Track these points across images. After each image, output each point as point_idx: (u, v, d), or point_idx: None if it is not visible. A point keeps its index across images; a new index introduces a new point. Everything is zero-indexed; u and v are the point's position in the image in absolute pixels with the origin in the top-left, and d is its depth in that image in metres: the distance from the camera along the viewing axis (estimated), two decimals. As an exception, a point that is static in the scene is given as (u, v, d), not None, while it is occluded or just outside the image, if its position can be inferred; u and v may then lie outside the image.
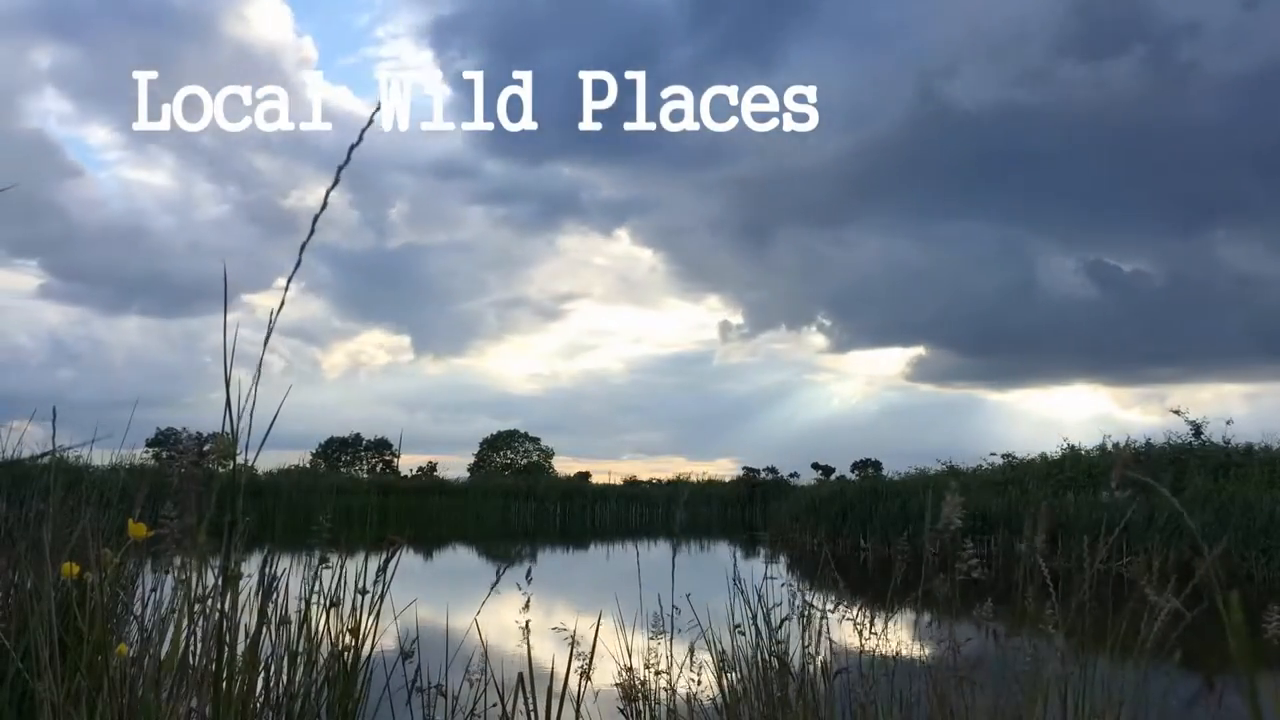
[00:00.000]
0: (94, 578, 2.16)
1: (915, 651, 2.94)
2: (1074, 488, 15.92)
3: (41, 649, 1.89)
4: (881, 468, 34.30)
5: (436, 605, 3.60)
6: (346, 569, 2.71)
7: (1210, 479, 15.05)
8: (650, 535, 23.73)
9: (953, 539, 2.68)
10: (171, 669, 1.93)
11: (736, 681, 2.88)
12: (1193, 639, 2.46)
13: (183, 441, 1.91)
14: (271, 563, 2.44)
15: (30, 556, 2.62)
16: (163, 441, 25.08)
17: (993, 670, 2.76)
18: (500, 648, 2.87)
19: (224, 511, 1.59)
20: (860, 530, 17.70)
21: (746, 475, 36.14)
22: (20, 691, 2.26)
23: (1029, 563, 2.63)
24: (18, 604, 2.60)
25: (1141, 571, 2.58)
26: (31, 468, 3.60)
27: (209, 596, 1.88)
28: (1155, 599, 2.44)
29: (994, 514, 15.17)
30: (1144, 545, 12.23)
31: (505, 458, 41.88)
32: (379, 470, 39.12)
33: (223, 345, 1.37)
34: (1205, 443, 17.40)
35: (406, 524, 22.32)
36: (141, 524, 2.18)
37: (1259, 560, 12.71)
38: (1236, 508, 13.35)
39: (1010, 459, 19.99)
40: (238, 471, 1.50)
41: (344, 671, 2.60)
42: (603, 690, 2.88)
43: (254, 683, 2.27)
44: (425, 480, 33.89)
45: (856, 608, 3.11)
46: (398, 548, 2.74)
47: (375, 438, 40.16)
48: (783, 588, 3.08)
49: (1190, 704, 2.45)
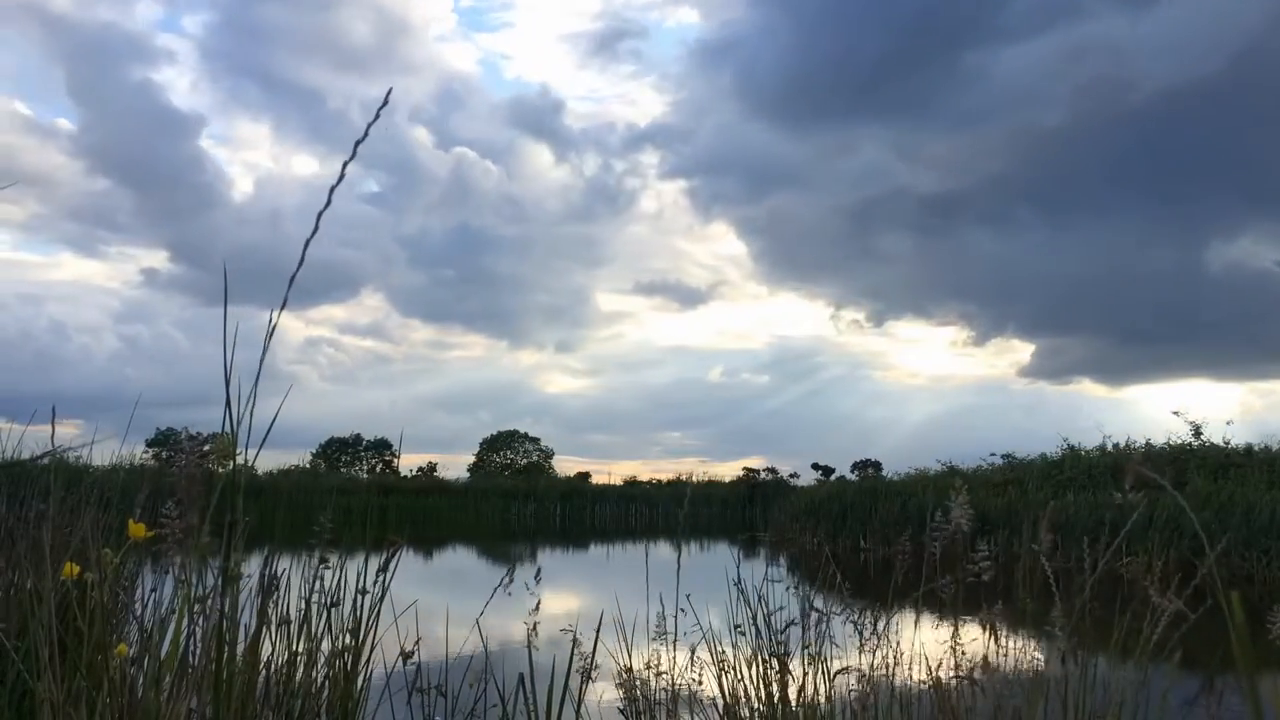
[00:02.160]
0: (94, 578, 2.16)
1: (915, 651, 2.94)
2: (1074, 488, 15.91)
3: (41, 649, 1.88)
4: (881, 468, 34.30)
5: (436, 606, 3.60)
6: (346, 569, 2.71)
7: (1210, 479, 15.04)
8: (651, 536, 23.73)
9: (961, 540, 2.68)
10: (171, 669, 1.93)
11: (736, 682, 2.88)
12: (1193, 639, 2.46)
13: (183, 442, 1.91)
14: (271, 563, 2.44)
15: (30, 556, 2.62)
16: (163, 442, 25.10)
17: (994, 669, 2.76)
18: (500, 648, 2.87)
19: (224, 511, 1.59)
20: (860, 531, 17.71)
21: (747, 475, 36.12)
22: (20, 691, 2.26)
23: (1030, 563, 2.63)
24: (18, 604, 2.60)
25: (1141, 572, 2.58)
26: (33, 467, 3.60)
27: (209, 596, 1.88)
28: (1158, 600, 2.43)
29: (994, 514, 15.18)
30: (1144, 546, 12.22)
31: (505, 458, 41.88)
32: (379, 470, 39.12)
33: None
34: (1205, 443, 17.39)
35: (406, 524, 22.36)
36: (141, 524, 2.18)
37: (1260, 561, 12.71)
38: (1237, 508, 13.35)
39: (1010, 459, 19.99)
40: (238, 471, 1.50)
41: (344, 671, 2.60)
42: (603, 691, 2.88)
43: (254, 683, 2.27)
44: (425, 480, 33.89)
45: (856, 608, 3.11)
46: (397, 548, 2.74)
47: (376, 437, 40.20)
48: (783, 588, 3.08)
49: (1190, 704, 2.44)
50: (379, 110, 1.33)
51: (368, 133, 1.32)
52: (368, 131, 1.32)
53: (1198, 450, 16.99)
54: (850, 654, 2.95)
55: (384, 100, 1.34)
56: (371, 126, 1.33)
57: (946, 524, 2.68)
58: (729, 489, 34.98)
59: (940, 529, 2.73)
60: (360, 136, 1.33)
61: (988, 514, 15.26)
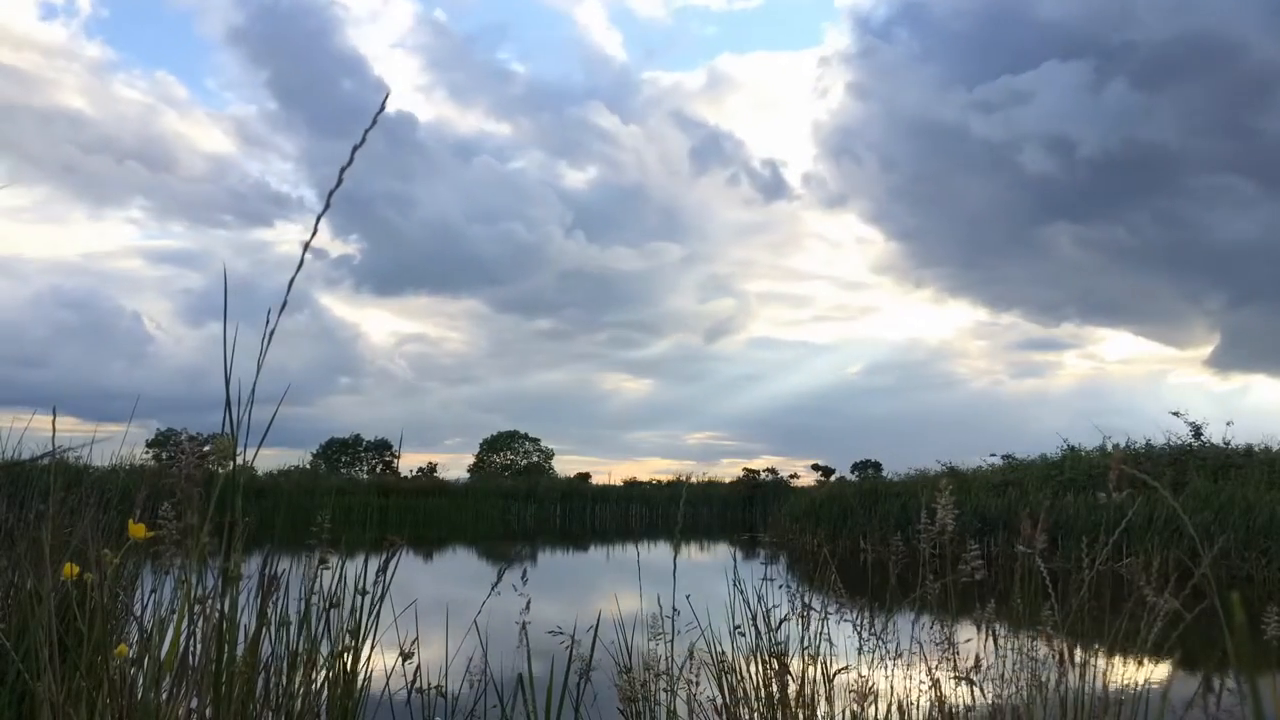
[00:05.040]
0: (94, 578, 2.16)
1: (914, 652, 2.94)
2: (1074, 488, 15.90)
3: (41, 649, 1.89)
4: (881, 468, 34.30)
5: (436, 606, 3.60)
6: (346, 570, 2.71)
7: (1210, 480, 15.03)
8: (651, 536, 23.72)
9: (953, 540, 2.68)
10: (171, 669, 1.93)
11: (736, 682, 2.88)
12: (1192, 639, 2.47)
13: (183, 442, 1.91)
14: (271, 563, 2.45)
15: (30, 556, 2.62)
16: (163, 442, 25.11)
17: (992, 670, 2.76)
18: (500, 648, 2.87)
19: (224, 512, 1.59)
20: (860, 531, 17.70)
21: (746, 475, 36.10)
22: (20, 692, 2.26)
23: (1027, 563, 2.63)
24: (18, 604, 2.60)
25: (1139, 571, 2.58)
26: (32, 468, 3.61)
27: (209, 597, 1.88)
28: (1154, 600, 2.44)
29: (993, 514, 15.18)
30: (1143, 546, 12.22)
31: (505, 458, 41.86)
32: (379, 471, 39.11)
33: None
34: (1205, 443, 17.38)
35: (406, 525, 22.37)
36: (141, 525, 2.18)
37: (1259, 561, 12.71)
38: (1236, 509, 13.35)
39: (1010, 459, 19.97)
40: (238, 471, 1.50)
41: (344, 671, 2.60)
42: (602, 691, 2.88)
43: (254, 683, 2.27)
44: (425, 481, 33.87)
45: (856, 609, 3.11)
46: (397, 549, 2.74)
47: (375, 438, 40.20)
48: (781, 589, 3.08)
49: (1189, 704, 2.45)
50: (375, 116, 1.33)
51: (365, 138, 1.32)
52: (365, 137, 1.32)
53: (1198, 450, 16.98)
54: (850, 654, 2.95)
55: (380, 106, 1.34)
56: (369, 132, 1.33)
57: (932, 524, 2.69)
58: (729, 489, 34.95)
59: (927, 529, 2.74)
60: (359, 141, 1.34)
61: (987, 515, 15.26)
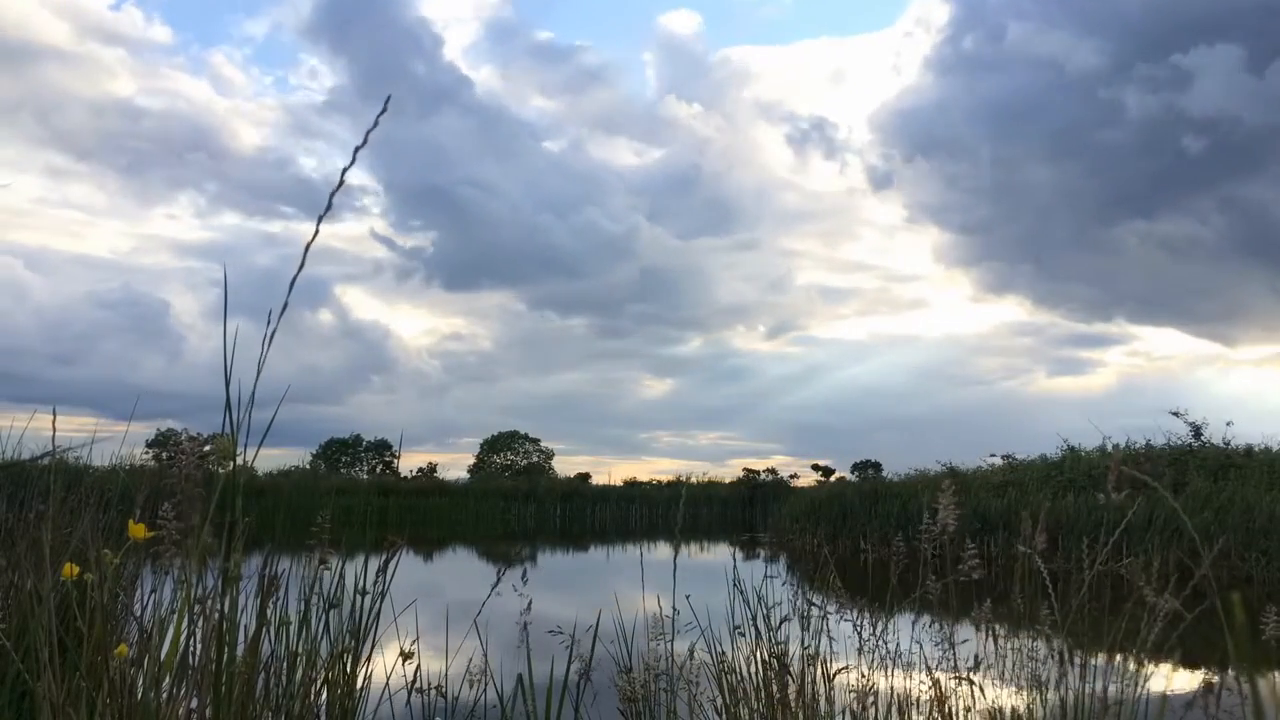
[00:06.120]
0: (94, 578, 2.16)
1: (914, 652, 2.94)
2: (1074, 489, 15.90)
3: (41, 649, 1.89)
4: (881, 469, 34.29)
5: (436, 606, 3.60)
6: (346, 570, 2.71)
7: (1210, 480, 15.03)
8: (651, 536, 23.72)
9: (952, 540, 2.68)
10: (171, 669, 1.93)
11: (736, 683, 2.88)
12: (1192, 639, 2.47)
13: (183, 442, 1.91)
14: (271, 563, 2.45)
15: (30, 556, 2.62)
16: (162, 443, 25.09)
17: (992, 670, 2.76)
18: (500, 649, 2.87)
19: (224, 512, 1.59)
20: (860, 531, 17.69)
21: (747, 476, 36.11)
22: (20, 691, 2.26)
23: (1028, 564, 2.63)
24: (18, 604, 2.60)
25: (1139, 572, 2.58)
26: (32, 468, 3.61)
27: (209, 597, 1.88)
28: (1154, 600, 2.44)
29: (993, 515, 15.17)
30: (1143, 547, 12.22)
31: (505, 459, 41.86)
32: (379, 471, 39.10)
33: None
34: (1205, 443, 17.37)
35: (406, 525, 22.35)
36: (141, 525, 2.18)
37: (1259, 561, 12.71)
38: (1236, 509, 13.35)
39: (1010, 460, 19.95)
40: (237, 471, 1.50)
41: (344, 672, 2.60)
42: (602, 691, 2.88)
43: (254, 683, 2.27)
44: (425, 481, 33.86)
45: (856, 609, 3.11)
46: (397, 549, 2.74)
47: (375, 439, 40.19)
48: (784, 586, 3.08)
49: (1189, 704, 2.45)
50: (377, 118, 1.33)
51: (366, 139, 1.32)
52: (366, 138, 1.32)
53: (1198, 451, 16.98)
54: (850, 654, 2.95)
55: (383, 107, 1.34)
56: (370, 133, 1.34)
57: (934, 524, 2.69)
58: (729, 489, 34.96)
59: (928, 530, 2.73)
60: (360, 143, 1.34)
61: (987, 515, 15.25)
